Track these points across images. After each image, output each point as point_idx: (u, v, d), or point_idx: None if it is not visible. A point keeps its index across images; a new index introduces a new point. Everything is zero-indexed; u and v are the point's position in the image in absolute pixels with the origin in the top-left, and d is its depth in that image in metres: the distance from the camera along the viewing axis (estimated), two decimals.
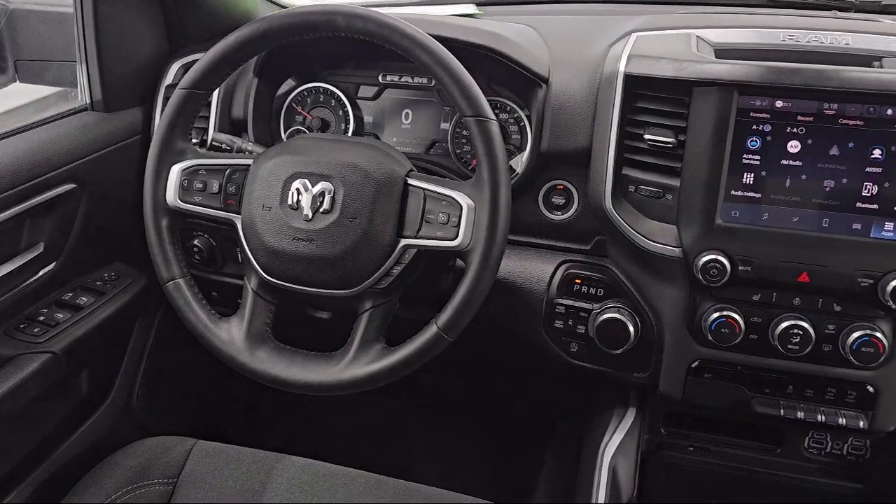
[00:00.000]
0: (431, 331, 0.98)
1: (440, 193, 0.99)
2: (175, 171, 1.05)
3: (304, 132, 1.34)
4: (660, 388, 1.14)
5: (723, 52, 1.10)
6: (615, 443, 1.17)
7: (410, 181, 1.01)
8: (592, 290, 1.16)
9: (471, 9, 1.47)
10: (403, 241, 1.00)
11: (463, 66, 0.98)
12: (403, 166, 1.03)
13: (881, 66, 1.04)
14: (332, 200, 1.00)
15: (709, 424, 1.25)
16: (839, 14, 1.35)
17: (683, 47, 1.08)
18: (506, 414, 1.80)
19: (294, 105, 1.35)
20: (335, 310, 1.23)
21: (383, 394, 1.83)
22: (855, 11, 1.39)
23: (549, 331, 1.18)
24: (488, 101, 1.24)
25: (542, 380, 1.51)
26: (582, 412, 1.30)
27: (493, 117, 0.98)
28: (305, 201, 1.00)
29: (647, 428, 1.26)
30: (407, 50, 0.98)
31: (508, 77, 1.19)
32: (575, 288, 1.17)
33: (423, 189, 1.00)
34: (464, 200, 0.97)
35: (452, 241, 0.98)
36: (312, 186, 1.00)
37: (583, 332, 1.15)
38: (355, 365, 1.01)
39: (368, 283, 1.01)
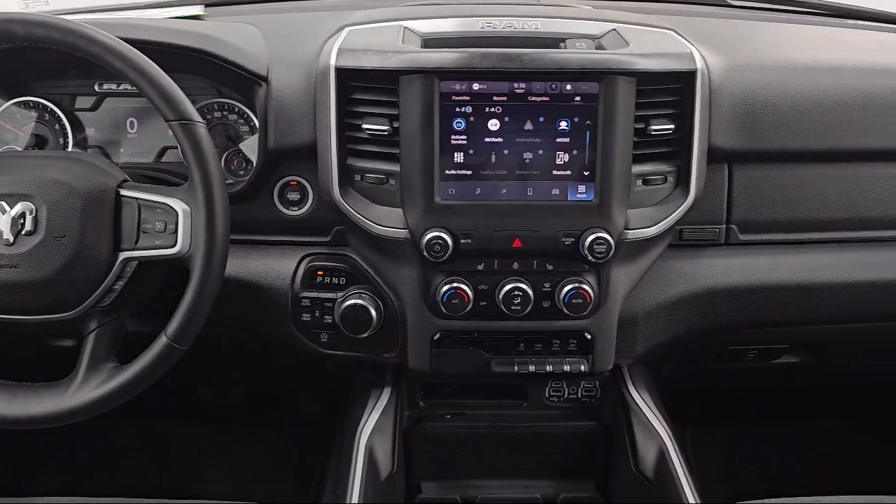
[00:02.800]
0: (161, 342, 0.96)
1: (154, 201, 0.97)
2: None
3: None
4: (409, 364, 1.20)
5: (430, 42, 1.16)
6: (371, 424, 1.21)
7: (123, 192, 0.98)
8: (335, 280, 1.19)
9: (198, 10, 1.44)
10: (123, 255, 0.97)
11: (160, 70, 0.96)
12: (114, 177, 1.00)
13: (565, 47, 1.16)
14: (35, 220, 0.94)
15: (463, 391, 1.32)
16: (543, 1, 1.48)
17: (391, 39, 1.13)
18: (292, 414, 1.80)
19: (2, 123, 1.25)
20: (62, 335, 1.16)
21: (161, 413, 1.77)
22: None
23: (298, 325, 1.19)
24: (215, 102, 1.26)
25: (307, 374, 1.52)
26: (347, 400, 1.34)
27: (199, 119, 0.97)
28: (4, 224, 0.94)
29: (407, 404, 1.31)
30: (98, 57, 0.94)
31: (231, 78, 1.19)
32: (318, 280, 1.19)
33: (137, 198, 0.98)
34: (179, 206, 0.96)
35: (172, 249, 0.96)
36: (10, 208, 0.94)
37: (330, 321, 1.18)
38: (84, 389, 0.96)
39: (89, 302, 0.97)
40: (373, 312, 1.15)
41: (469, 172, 1.09)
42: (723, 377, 1.50)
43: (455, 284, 1.12)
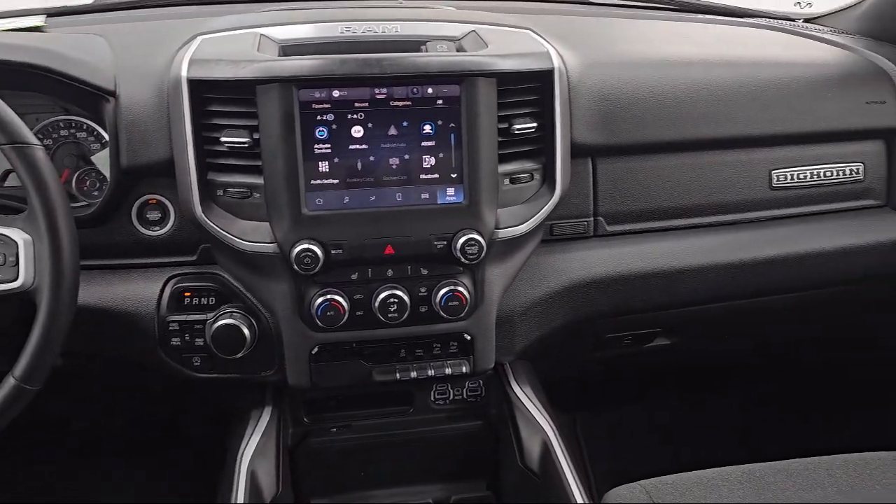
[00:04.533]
0: (9, 384, 0.89)
1: None
2: None
3: None
4: (289, 381, 1.16)
5: (287, 49, 1.13)
6: (252, 446, 1.17)
7: None
8: (204, 301, 1.14)
9: (38, 21, 1.34)
10: None
11: None
12: None
13: (426, 50, 1.15)
14: None
15: (348, 402, 1.30)
16: (404, 3, 1.47)
17: (246, 47, 1.09)
18: (177, 439, 1.72)
19: None
20: None
21: (32, 452, 1.65)
22: None
23: (167, 351, 1.14)
24: (60, 120, 1.18)
25: (189, 395, 1.46)
26: (229, 423, 1.29)
27: (34, 141, 0.90)
28: None
29: (291, 420, 1.28)
30: None
31: (75, 94, 1.12)
32: (186, 302, 1.14)
33: None
34: (19, 236, 0.89)
35: (14, 283, 0.89)
36: None
37: (201, 344, 1.13)
38: None
39: None
40: (246, 331, 1.11)
41: (336, 181, 1.07)
42: (604, 364, 1.54)
43: (329, 296, 1.09)
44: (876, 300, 1.52)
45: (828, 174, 1.35)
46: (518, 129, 1.12)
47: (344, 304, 1.10)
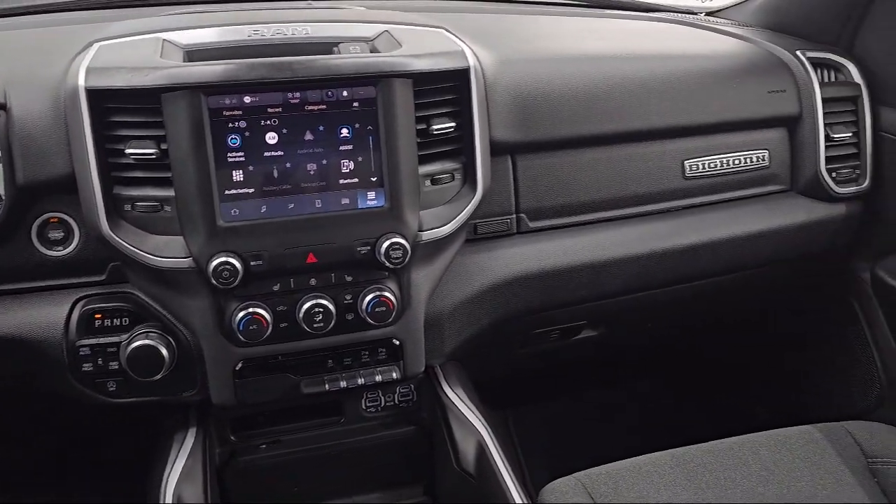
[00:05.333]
0: None
1: None
2: None
3: None
4: (213, 400, 1.12)
5: (194, 54, 1.09)
6: (178, 471, 1.12)
7: None
8: (116, 322, 1.08)
9: None
10: None
11: None
12: None
13: (339, 52, 1.13)
14: None
15: (276, 416, 1.27)
16: (314, 4, 1.44)
17: (148, 53, 1.03)
18: (99, 467, 1.63)
19: None
20: None
21: None
22: None
23: (79, 377, 1.08)
24: None
25: (105, 425, 1.39)
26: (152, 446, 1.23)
27: None
28: None
29: (217, 440, 1.23)
30: None
31: None
32: (97, 324, 1.08)
33: None
34: None
35: None
36: None
37: (116, 367, 1.07)
38: None
39: None
40: (164, 351, 1.06)
41: (251, 190, 1.03)
42: (533, 359, 1.55)
43: (251, 309, 1.05)
44: (781, 283, 1.59)
45: (736, 162, 1.39)
46: (437, 130, 1.10)
47: (267, 316, 1.06)
